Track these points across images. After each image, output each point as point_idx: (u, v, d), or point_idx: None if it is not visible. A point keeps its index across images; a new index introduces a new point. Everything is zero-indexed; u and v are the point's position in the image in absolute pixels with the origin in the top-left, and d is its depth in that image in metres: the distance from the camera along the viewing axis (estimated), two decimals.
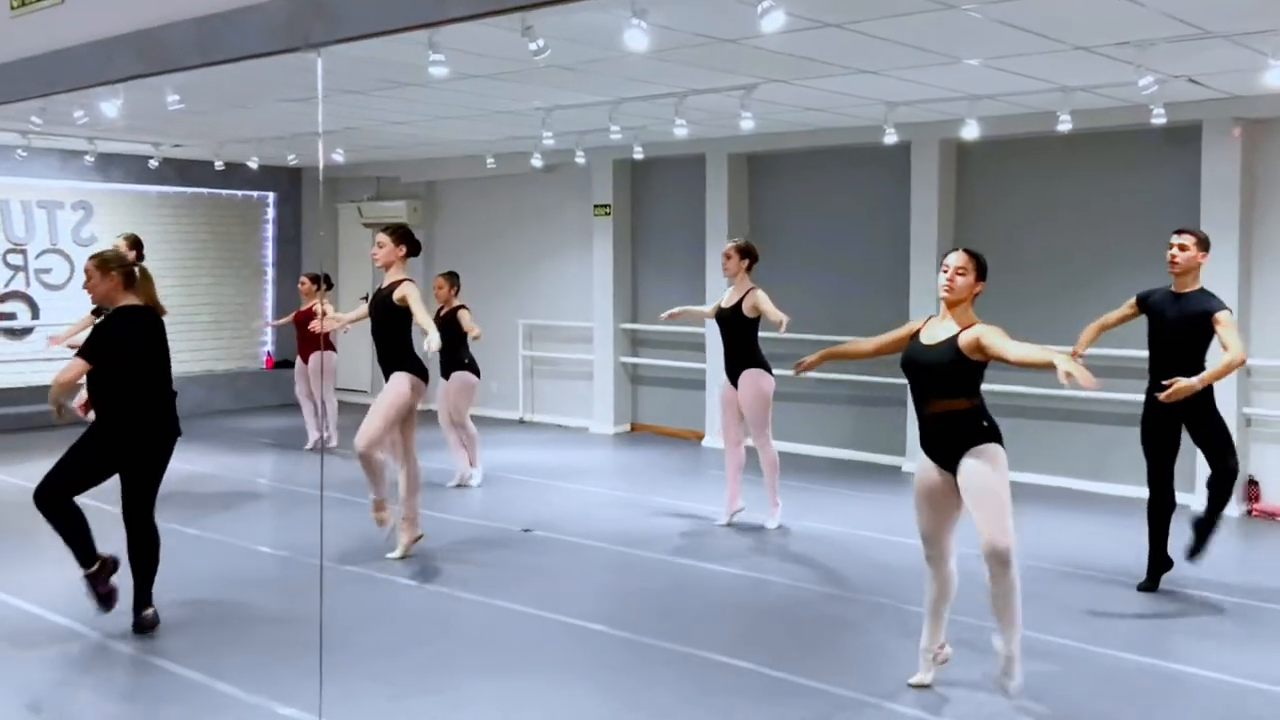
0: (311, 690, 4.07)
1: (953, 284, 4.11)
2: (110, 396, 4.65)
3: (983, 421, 4.01)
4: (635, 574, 6.02)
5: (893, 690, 4.23)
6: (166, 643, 4.68)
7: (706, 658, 4.59)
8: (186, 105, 6.68)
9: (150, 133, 9.45)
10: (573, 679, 4.37)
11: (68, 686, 4.32)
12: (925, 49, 5.91)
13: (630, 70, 6.54)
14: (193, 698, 4.10)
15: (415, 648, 4.67)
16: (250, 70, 6.23)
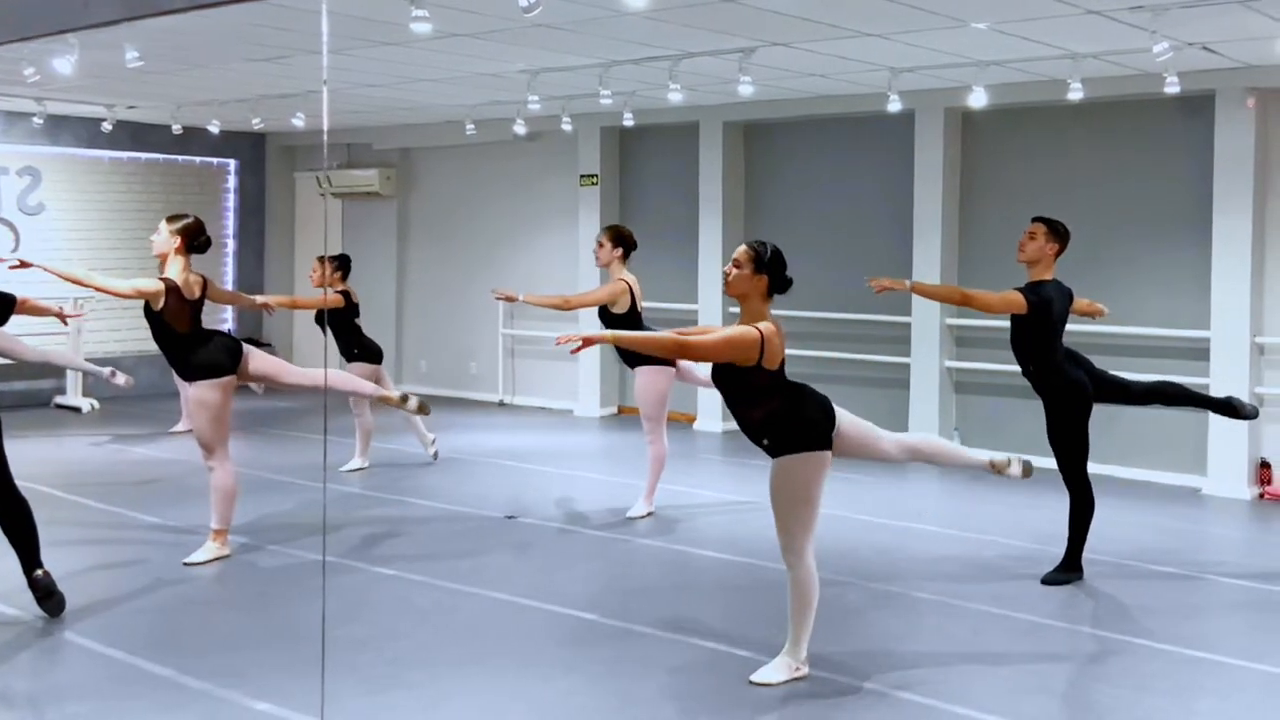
0: (288, 685, 4.10)
1: (726, 277, 4.22)
2: None
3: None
4: (625, 561, 6.06)
5: (903, 677, 4.30)
6: (119, 634, 4.69)
7: (703, 646, 4.64)
8: (146, 63, 6.62)
9: (104, 93, 9.35)
10: (561, 671, 4.41)
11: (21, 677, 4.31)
12: (932, 11, 5.95)
13: (623, 31, 6.54)
14: (158, 693, 4.12)
15: (393, 640, 4.69)
16: (213, 23, 6.19)
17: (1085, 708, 4.21)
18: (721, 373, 4.15)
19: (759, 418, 4.15)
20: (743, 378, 4.09)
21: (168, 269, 5.65)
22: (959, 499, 7.66)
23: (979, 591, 5.47)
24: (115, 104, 10.00)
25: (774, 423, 4.14)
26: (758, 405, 4.13)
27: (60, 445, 9.06)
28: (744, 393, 4.13)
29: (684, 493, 7.51)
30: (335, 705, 3.95)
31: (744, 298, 4.15)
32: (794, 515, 4.17)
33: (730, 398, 4.21)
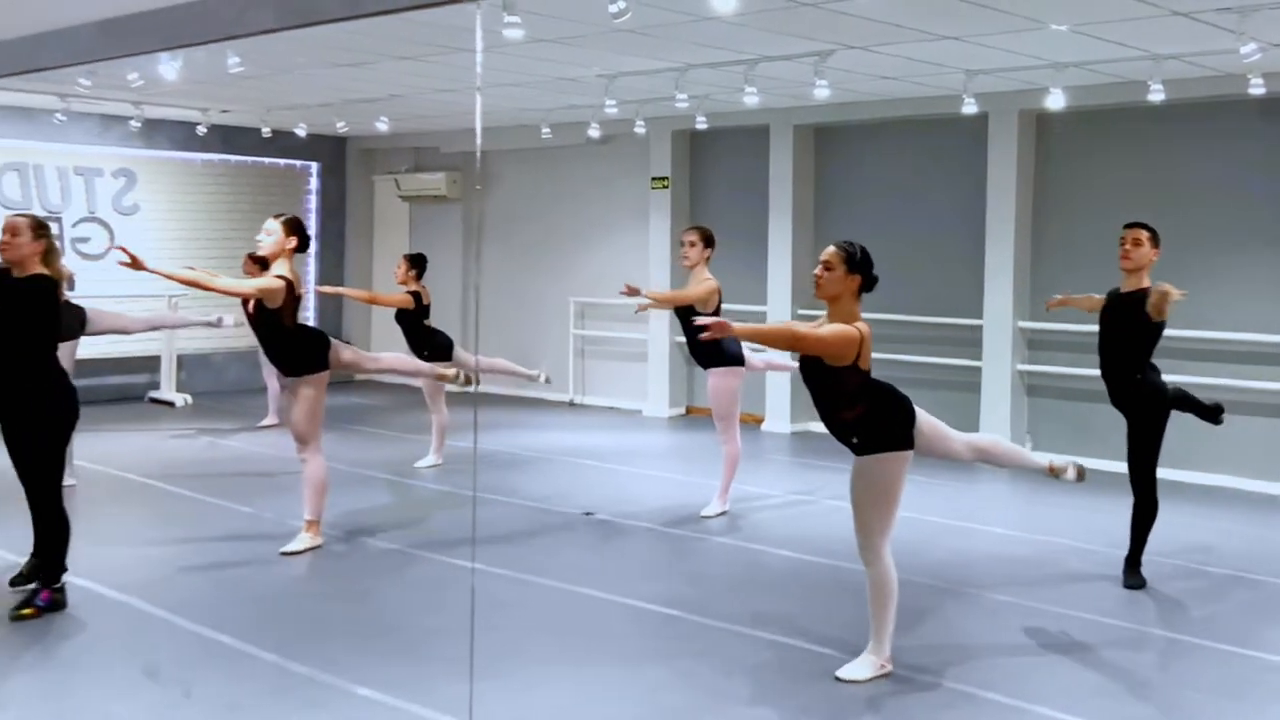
0: (385, 672, 4.19)
1: (817, 280, 4.18)
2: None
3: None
4: (702, 558, 6.09)
5: (985, 677, 4.27)
6: (227, 621, 4.83)
7: (784, 642, 4.65)
8: (244, 68, 6.79)
9: (200, 97, 9.59)
10: (646, 665, 4.44)
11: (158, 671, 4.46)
12: (1011, 13, 5.89)
13: (701, 35, 6.57)
14: (266, 677, 4.24)
15: (483, 632, 4.75)
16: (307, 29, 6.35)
17: (1165, 710, 4.14)
18: (815, 371, 4.13)
19: (850, 417, 4.14)
20: (837, 376, 4.09)
21: (278, 267, 5.72)
22: (1027, 501, 7.57)
23: (1053, 593, 5.41)
24: (210, 108, 10.25)
25: (864, 421, 4.14)
26: (850, 404, 4.13)
27: (155, 438, 9.31)
28: (836, 391, 4.13)
29: (755, 492, 7.52)
30: (428, 692, 4.03)
31: (835, 299, 4.14)
32: (876, 513, 4.18)
33: (821, 396, 4.20)
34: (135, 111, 9.98)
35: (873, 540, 4.18)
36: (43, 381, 4.76)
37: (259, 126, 10.69)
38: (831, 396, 4.16)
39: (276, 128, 10.86)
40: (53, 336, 4.87)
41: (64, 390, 4.85)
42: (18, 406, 4.72)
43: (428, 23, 6.14)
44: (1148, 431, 5.37)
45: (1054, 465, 4.79)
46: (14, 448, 4.80)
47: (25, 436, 4.74)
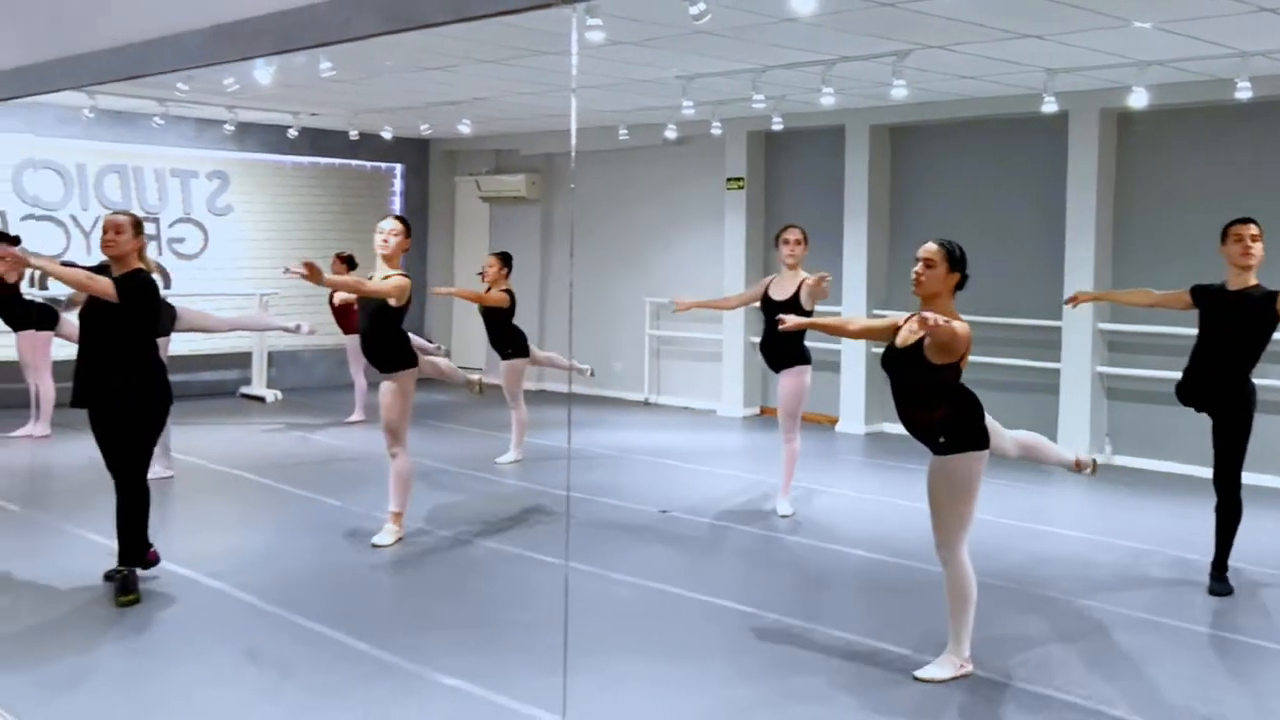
0: (470, 663, 4.26)
1: (919, 278, 4.11)
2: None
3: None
4: (777, 556, 6.07)
5: (1065, 681, 4.18)
6: (320, 610, 4.95)
7: (860, 642, 4.61)
8: (336, 73, 6.95)
9: (292, 101, 9.82)
10: (723, 661, 4.46)
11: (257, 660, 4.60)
12: (1095, 11, 5.76)
13: (779, 36, 6.54)
14: (358, 665, 4.34)
15: (559, 626, 4.79)
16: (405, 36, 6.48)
17: (1248, 717, 4.02)
18: (913, 367, 4.06)
19: (941, 416, 4.09)
20: (938, 373, 4.03)
21: (396, 267, 5.82)
22: (1104, 505, 7.41)
23: (1134, 598, 5.29)
24: (300, 111, 10.49)
25: (952, 420, 4.08)
26: (942, 402, 4.08)
27: (246, 432, 9.58)
28: (931, 389, 4.08)
29: (830, 492, 7.48)
30: (513, 683, 4.09)
31: (934, 297, 4.09)
32: (955, 512, 4.13)
33: (912, 394, 4.14)
34: (229, 115, 10.27)
35: (952, 539, 4.14)
36: (145, 373, 4.92)
37: (347, 129, 10.93)
38: (924, 394, 4.10)
39: (364, 130, 11.08)
40: (153, 329, 5.03)
41: (163, 383, 5.02)
42: (119, 397, 4.87)
43: (512, 26, 6.21)
44: (1242, 434, 5.21)
45: (1079, 460, 4.82)
46: (110, 435, 4.93)
47: (124, 426, 4.90)
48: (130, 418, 4.90)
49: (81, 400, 4.92)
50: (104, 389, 4.86)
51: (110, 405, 4.88)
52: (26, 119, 9.97)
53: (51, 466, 8.04)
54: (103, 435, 4.97)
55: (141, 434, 4.96)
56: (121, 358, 4.88)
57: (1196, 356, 5.33)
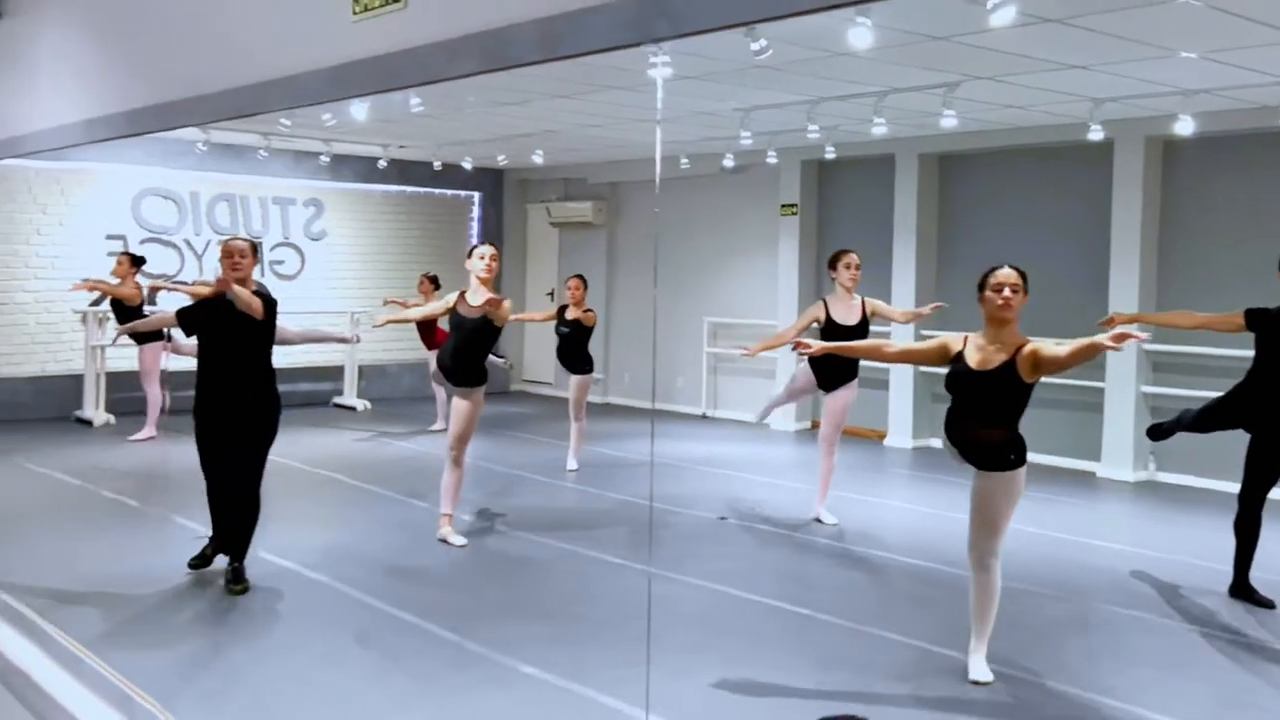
0: (548, 653, 4.28)
1: (1010, 302, 3.97)
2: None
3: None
4: (831, 562, 5.99)
5: (1110, 688, 4.07)
6: (409, 601, 5.02)
7: (914, 645, 4.54)
8: (424, 108, 7.08)
9: (383, 135, 10.05)
10: (784, 659, 4.41)
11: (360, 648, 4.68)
12: (1142, 42, 5.64)
13: (834, 70, 6.52)
14: (446, 652, 4.38)
15: (630, 621, 4.81)
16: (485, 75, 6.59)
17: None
18: (997, 389, 3.95)
19: (1009, 432, 4.01)
20: (1024, 393, 3.96)
21: (493, 290, 5.94)
22: (1151, 520, 7.22)
23: (1176, 609, 5.14)
24: (389, 144, 10.71)
25: (1018, 438, 4.03)
26: (1016, 419, 4.02)
27: (339, 439, 9.74)
28: (1009, 408, 3.99)
29: (878, 503, 7.41)
30: (591, 674, 4.10)
31: (1011, 321, 4.00)
32: (1004, 523, 4.09)
33: (985, 414, 4.01)
34: (324, 148, 10.53)
35: (997, 545, 4.09)
36: (270, 386, 5.03)
37: (431, 160, 11.13)
38: (999, 413, 3.99)
39: (446, 161, 11.28)
40: (271, 344, 5.13)
41: (277, 394, 5.12)
42: (249, 409, 4.96)
43: (584, 63, 6.28)
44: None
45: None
46: (236, 444, 5.00)
47: (255, 435, 4.99)
48: (261, 427, 5.00)
49: (213, 411, 4.96)
50: (235, 401, 4.94)
51: (243, 416, 4.96)
52: (146, 151, 10.32)
53: (161, 466, 8.27)
54: (225, 444, 5.02)
55: (267, 442, 5.06)
56: (252, 371, 4.97)
57: (1254, 377, 5.17)
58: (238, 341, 4.97)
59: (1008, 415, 4.01)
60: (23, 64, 4.79)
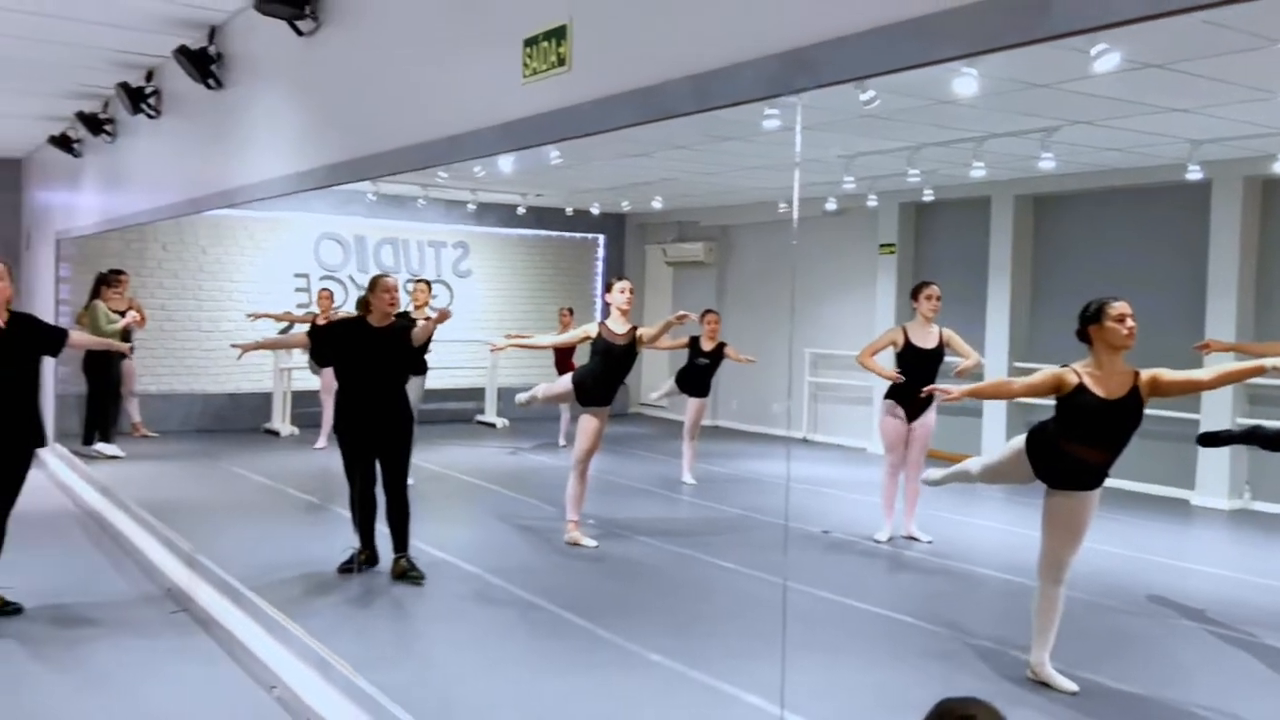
0: (671, 644, 4.34)
1: (1134, 331, 3.83)
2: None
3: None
4: (928, 575, 5.87)
5: (1203, 700, 3.86)
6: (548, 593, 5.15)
7: (1001, 651, 4.41)
8: (562, 160, 7.34)
9: (522, 184, 10.42)
10: (885, 661, 4.35)
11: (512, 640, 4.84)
12: (1243, 85, 5.42)
13: (936, 117, 6.47)
14: (580, 639, 4.48)
15: (737, 619, 4.83)
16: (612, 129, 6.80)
17: None
18: (1135, 417, 3.87)
19: (1112, 456, 3.92)
20: (1141, 417, 3.87)
21: (631, 321, 6.13)
22: (1246, 546, 6.82)
23: (1270, 628, 4.81)
24: (528, 193, 11.11)
25: None
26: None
27: (481, 451, 10.05)
28: (1133, 431, 3.90)
29: (970, 523, 7.24)
30: (713, 662, 4.13)
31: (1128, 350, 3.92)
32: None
33: (1118, 438, 3.91)
34: (471, 197, 10.99)
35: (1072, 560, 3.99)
36: (405, 399, 5.26)
37: (563, 207, 11.47)
38: (1128, 435, 3.90)
39: (577, 207, 11.60)
40: (407, 363, 5.34)
41: (410, 406, 5.33)
42: (401, 422, 5.21)
43: (705, 117, 6.40)
44: None
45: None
46: (383, 453, 5.22)
47: (404, 445, 5.24)
48: (405, 434, 5.24)
49: (360, 424, 5.14)
50: (381, 413, 5.16)
51: (388, 426, 5.19)
52: (325, 200, 10.98)
53: (334, 470, 8.68)
54: (373, 452, 5.22)
55: (409, 447, 5.30)
56: (394, 386, 5.23)
57: None
58: (390, 363, 5.18)
59: (1127, 439, 3.88)
60: (239, 127, 5.21)
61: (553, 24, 2.81)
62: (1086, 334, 3.93)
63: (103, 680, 4.04)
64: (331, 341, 5.27)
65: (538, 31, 2.88)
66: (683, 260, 12.91)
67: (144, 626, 4.68)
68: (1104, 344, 3.88)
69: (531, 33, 2.90)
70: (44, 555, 5.77)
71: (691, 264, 12.88)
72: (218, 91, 5.39)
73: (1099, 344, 3.89)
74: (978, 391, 4.58)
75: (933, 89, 5.52)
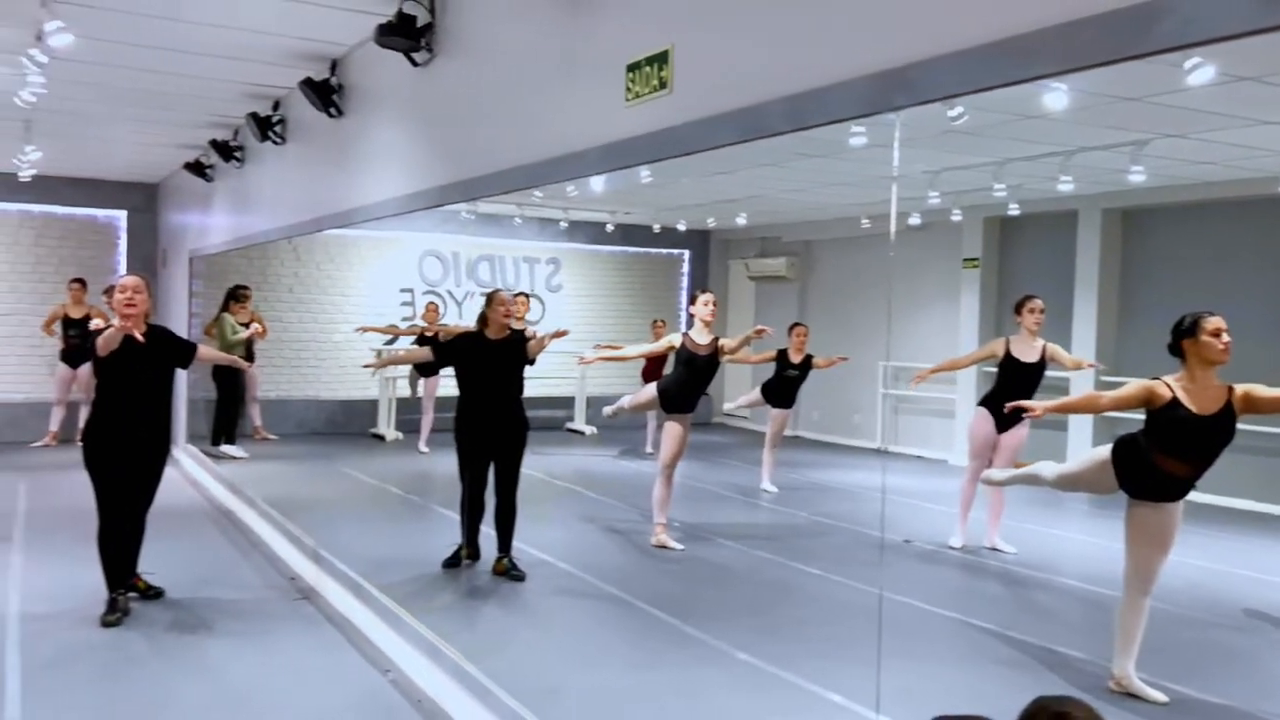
0: (758, 643, 4.34)
1: (1229, 346, 3.67)
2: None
3: None
4: (1013, 585, 5.72)
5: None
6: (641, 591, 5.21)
7: (1092, 662, 4.25)
8: (652, 179, 7.43)
9: (612, 203, 10.57)
10: (968, 667, 4.27)
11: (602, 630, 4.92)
12: None
13: (1024, 132, 6.32)
14: (670, 635, 4.52)
15: (829, 623, 4.80)
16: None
17: None
18: (1226, 429, 3.75)
19: (1198, 469, 3.79)
20: (1233, 432, 3.75)
21: (714, 332, 6.19)
22: None
23: None
24: (616, 210, 11.26)
25: None
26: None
27: (571, 457, 10.21)
28: (1225, 445, 3.77)
29: (1054, 535, 7.01)
30: (792, 664, 4.11)
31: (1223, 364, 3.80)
32: None
33: (1209, 453, 3.79)
34: (563, 215, 11.20)
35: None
36: (523, 410, 5.39)
37: (650, 224, 11.58)
38: (1219, 450, 3.78)
39: (664, 225, 11.70)
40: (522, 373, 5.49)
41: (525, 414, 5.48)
42: (517, 430, 5.32)
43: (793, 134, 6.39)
44: None
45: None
46: (503, 460, 5.32)
47: (517, 452, 5.34)
48: (520, 441, 5.35)
49: (478, 430, 5.26)
50: (498, 420, 5.27)
51: (504, 433, 5.29)
52: (428, 220, 11.35)
53: (435, 472, 8.98)
54: (489, 457, 5.33)
55: (522, 456, 5.39)
56: (512, 395, 5.34)
57: None
58: (507, 372, 5.32)
59: (1218, 454, 3.74)
60: (357, 151, 5.46)
61: (656, 49, 2.89)
62: (1179, 348, 3.79)
63: (235, 659, 4.27)
64: (454, 354, 5.42)
65: (641, 57, 2.96)
66: (765, 275, 12.88)
67: (271, 613, 4.92)
68: (1198, 358, 3.74)
69: (634, 58, 2.98)
70: (180, 546, 6.11)
71: (773, 279, 12.84)
72: (338, 119, 5.65)
73: (1193, 358, 3.75)
74: (1066, 405, 4.48)
75: (1019, 104, 5.40)
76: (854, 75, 2.17)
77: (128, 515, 4.81)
